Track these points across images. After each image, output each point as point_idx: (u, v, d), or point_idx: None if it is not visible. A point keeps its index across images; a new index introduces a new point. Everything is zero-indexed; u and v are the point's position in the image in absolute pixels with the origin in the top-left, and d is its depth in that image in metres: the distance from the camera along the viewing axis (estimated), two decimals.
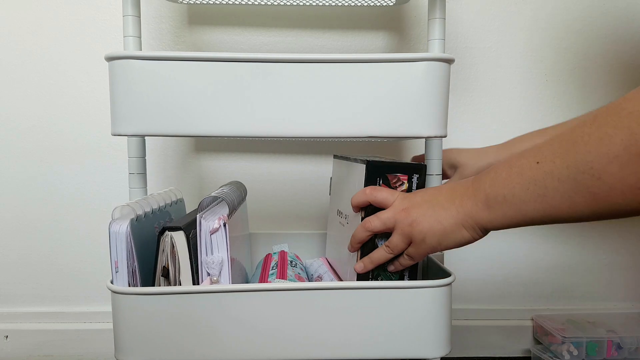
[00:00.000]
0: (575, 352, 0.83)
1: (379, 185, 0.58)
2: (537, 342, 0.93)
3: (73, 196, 0.91)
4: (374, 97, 0.53)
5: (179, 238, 0.56)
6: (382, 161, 0.59)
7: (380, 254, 0.56)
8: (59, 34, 0.88)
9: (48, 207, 0.91)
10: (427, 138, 0.58)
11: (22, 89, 0.89)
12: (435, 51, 0.60)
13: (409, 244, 0.53)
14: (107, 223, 0.90)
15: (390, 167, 0.58)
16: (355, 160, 0.63)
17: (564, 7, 0.90)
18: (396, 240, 0.54)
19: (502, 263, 0.95)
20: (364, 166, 0.59)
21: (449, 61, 0.54)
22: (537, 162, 0.43)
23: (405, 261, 0.55)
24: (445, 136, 0.56)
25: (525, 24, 0.90)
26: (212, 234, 0.56)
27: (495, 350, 0.94)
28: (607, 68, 0.91)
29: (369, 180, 0.58)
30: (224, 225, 0.56)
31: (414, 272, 0.60)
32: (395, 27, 0.90)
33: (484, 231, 0.50)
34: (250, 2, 0.79)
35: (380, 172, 0.58)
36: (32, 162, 0.90)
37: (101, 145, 0.90)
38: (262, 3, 0.79)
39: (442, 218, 0.51)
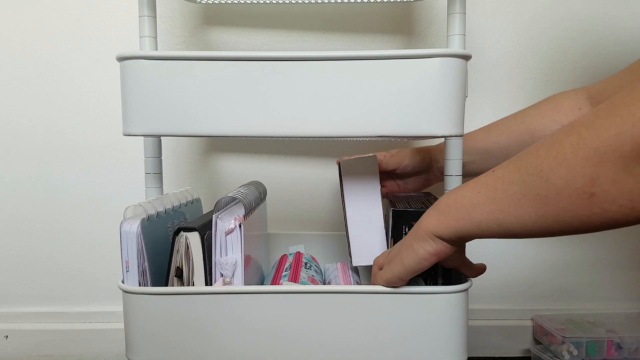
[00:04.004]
0: (575, 352, 0.83)
1: (405, 232, 0.61)
2: (537, 342, 0.93)
3: (73, 196, 0.91)
4: (387, 95, 0.51)
5: (194, 239, 0.56)
6: (407, 210, 0.61)
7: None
8: (62, 34, 0.88)
9: (48, 207, 0.91)
10: (441, 137, 0.57)
11: (23, 89, 0.89)
12: (456, 47, 0.58)
13: None
14: (107, 223, 0.92)
15: (415, 214, 0.60)
16: (393, 205, 0.67)
17: (564, 7, 0.90)
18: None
19: (502, 263, 0.95)
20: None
21: (466, 57, 0.52)
22: (493, 171, 0.45)
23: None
24: (461, 135, 0.54)
25: (525, 24, 0.90)
26: (228, 234, 0.56)
27: (495, 350, 0.94)
28: (607, 68, 0.91)
29: (396, 227, 0.61)
30: (240, 226, 0.56)
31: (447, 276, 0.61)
32: (401, 29, 0.90)
33: (437, 240, 0.49)
34: (256, 2, 0.79)
35: (405, 219, 0.60)
36: (32, 162, 0.90)
37: (102, 146, 0.90)
38: (272, 2, 0.78)
39: (401, 242, 0.53)
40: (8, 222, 0.92)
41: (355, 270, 0.74)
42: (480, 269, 0.58)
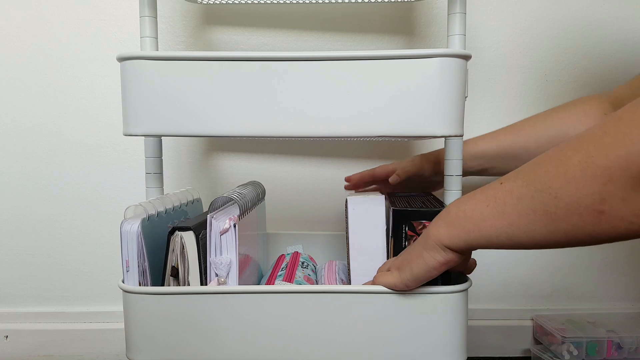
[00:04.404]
0: (575, 352, 0.83)
1: (405, 231, 0.60)
2: (537, 342, 0.93)
3: (73, 196, 0.91)
4: (387, 94, 0.52)
5: (189, 238, 0.56)
6: (407, 209, 0.61)
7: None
8: (62, 35, 0.88)
9: (48, 207, 0.91)
10: (441, 137, 0.58)
11: (24, 89, 0.89)
12: (456, 47, 0.58)
13: None
14: (108, 223, 0.92)
15: (416, 213, 0.60)
16: (393, 204, 0.65)
17: (564, 7, 0.90)
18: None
19: (502, 263, 0.95)
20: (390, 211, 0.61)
21: (466, 57, 0.52)
22: (501, 183, 0.45)
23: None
24: (461, 135, 0.54)
25: (525, 24, 0.90)
26: (222, 234, 0.56)
27: (495, 350, 0.94)
28: (607, 68, 0.91)
29: (396, 226, 0.60)
30: (234, 226, 0.56)
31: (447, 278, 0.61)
32: (401, 29, 0.90)
33: (447, 250, 0.49)
34: (257, 2, 0.79)
35: (405, 219, 0.60)
36: (32, 161, 0.90)
37: (102, 145, 0.90)
38: (272, 2, 0.78)
39: (410, 249, 0.54)
40: (8, 221, 0.92)
41: (345, 270, 0.74)
42: (472, 265, 0.59)
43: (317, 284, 0.71)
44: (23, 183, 0.91)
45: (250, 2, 0.79)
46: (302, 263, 0.73)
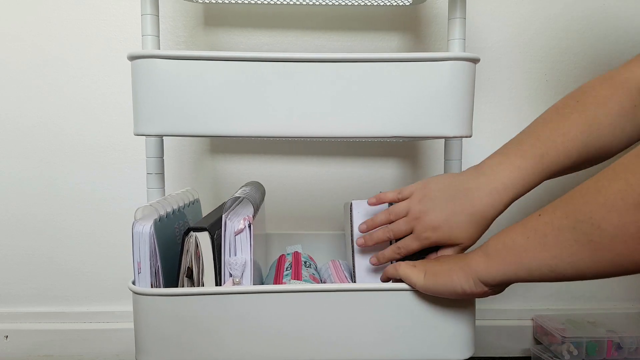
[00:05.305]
0: (575, 352, 0.83)
1: None
2: (537, 342, 0.93)
3: (73, 196, 0.91)
4: (398, 96, 0.52)
5: (204, 239, 0.55)
6: None
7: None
8: (62, 34, 0.88)
9: (48, 207, 0.91)
10: (452, 138, 0.58)
11: (24, 89, 0.89)
12: (456, 51, 0.59)
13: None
14: (108, 223, 0.92)
15: None
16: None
17: (564, 7, 0.90)
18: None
19: None
20: None
21: (475, 61, 0.54)
22: (539, 215, 0.44)
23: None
24: (470, 136, 0.55)
25: (525, 24, 0.90)
26: (237, 234, 0.56)
27: (495, 350, 0.94)
28: (608, 68, 0.91)
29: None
30: (249, 226, 0.56)
31: None
32: (401, 28, 0.90)
33: (478, 284, 0.49)
34: (259, 2, 0.79)
35: None
36: (32, 161, 0.90)
37: (102, 145, 0.90)
38: (272, 2, 0.78)
39: (444, 260, 0.53)
40: (8, 221, 0.92)
41: (348, 269, 0.74)
42: None
43: (321, 282, 0.72)
44: (23, 183, 0.91)
45: (250, 2, 0.79)
46: (305, 262, 0.73)
